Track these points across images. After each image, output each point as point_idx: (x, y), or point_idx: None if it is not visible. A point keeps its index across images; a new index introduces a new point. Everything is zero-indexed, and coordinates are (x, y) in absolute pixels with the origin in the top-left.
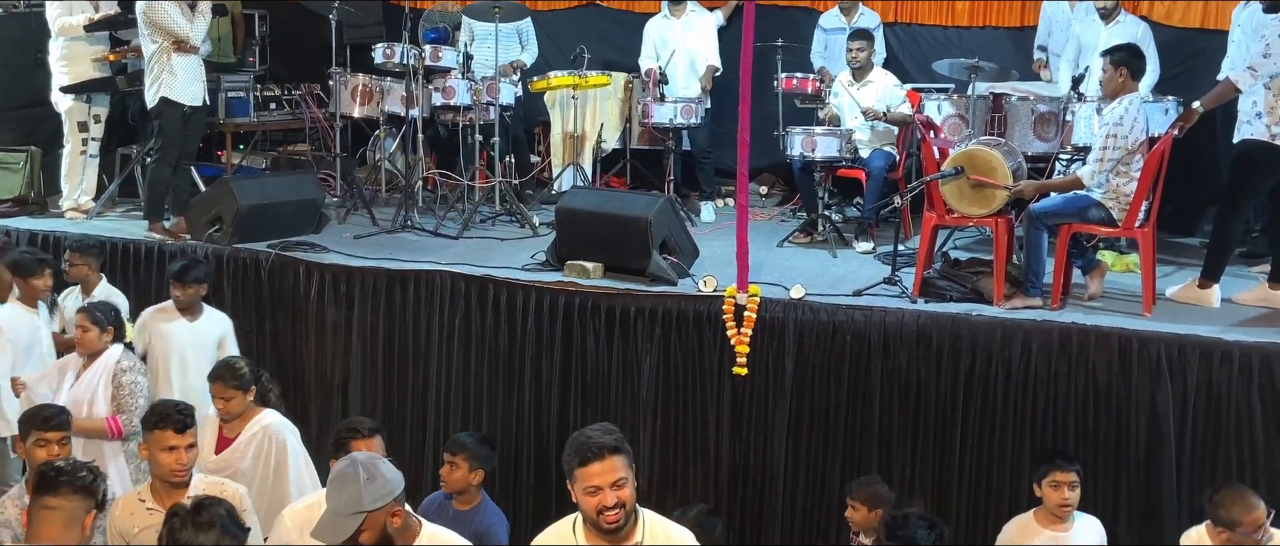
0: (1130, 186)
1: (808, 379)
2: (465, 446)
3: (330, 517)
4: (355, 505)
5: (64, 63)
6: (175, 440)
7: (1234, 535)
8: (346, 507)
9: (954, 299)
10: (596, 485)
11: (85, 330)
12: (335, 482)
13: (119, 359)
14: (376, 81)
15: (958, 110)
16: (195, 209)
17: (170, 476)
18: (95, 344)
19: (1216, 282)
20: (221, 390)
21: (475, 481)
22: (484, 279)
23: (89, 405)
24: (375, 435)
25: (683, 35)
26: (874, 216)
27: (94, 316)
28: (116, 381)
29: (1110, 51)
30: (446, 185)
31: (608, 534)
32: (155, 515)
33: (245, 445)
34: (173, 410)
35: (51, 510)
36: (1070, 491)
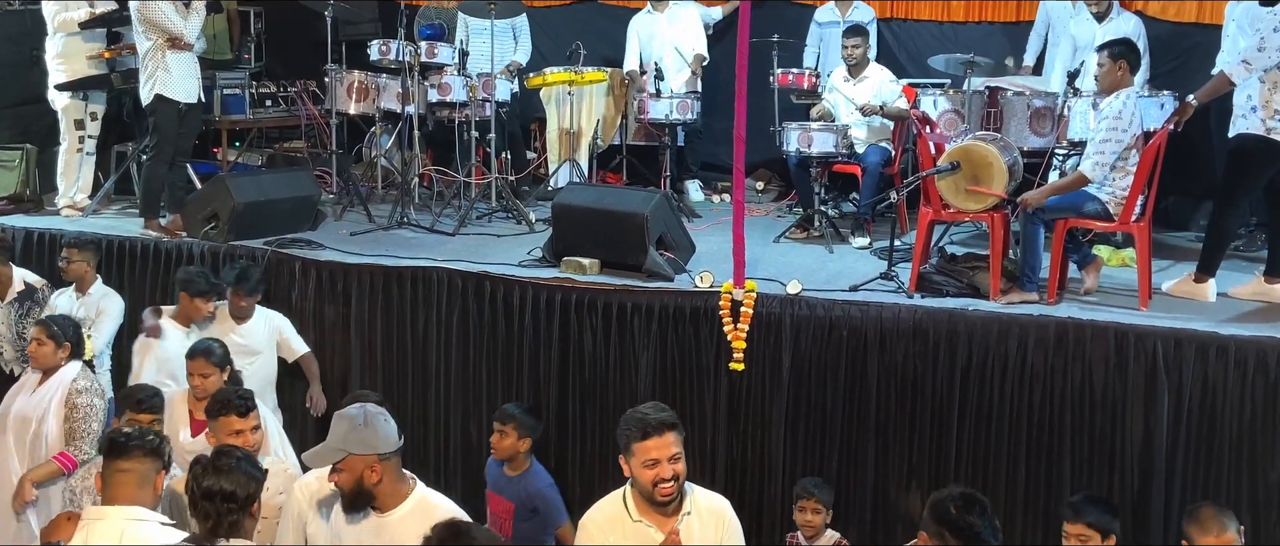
0: (1126, 181)
1: (804, 374)
2: (513, 416)
3: (321, 447)
4: (340, 442)
5: (60, 60)
6: (240, 424)
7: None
8: (334, 441)
9: (950, 294)
10: (655, 458)
11: (40, 343)
12: (337, 417)
13: (75, 378)
14: (372, 78)
15: (953, 105)
16: (191, 206)
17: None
18: (50, 359)
19: (1212, 277)
20: (202, 367)
21: (523, 448)
22: (481, 275)
23: (38, 422)
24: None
25: (669, 29)
26: (870, 212)
27: (51, 330)
28: (70, 403)
29: (1108, 45)
30: (443, 182)
31: (662, 505)
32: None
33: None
34: (233, 396)
35: (125, 473)
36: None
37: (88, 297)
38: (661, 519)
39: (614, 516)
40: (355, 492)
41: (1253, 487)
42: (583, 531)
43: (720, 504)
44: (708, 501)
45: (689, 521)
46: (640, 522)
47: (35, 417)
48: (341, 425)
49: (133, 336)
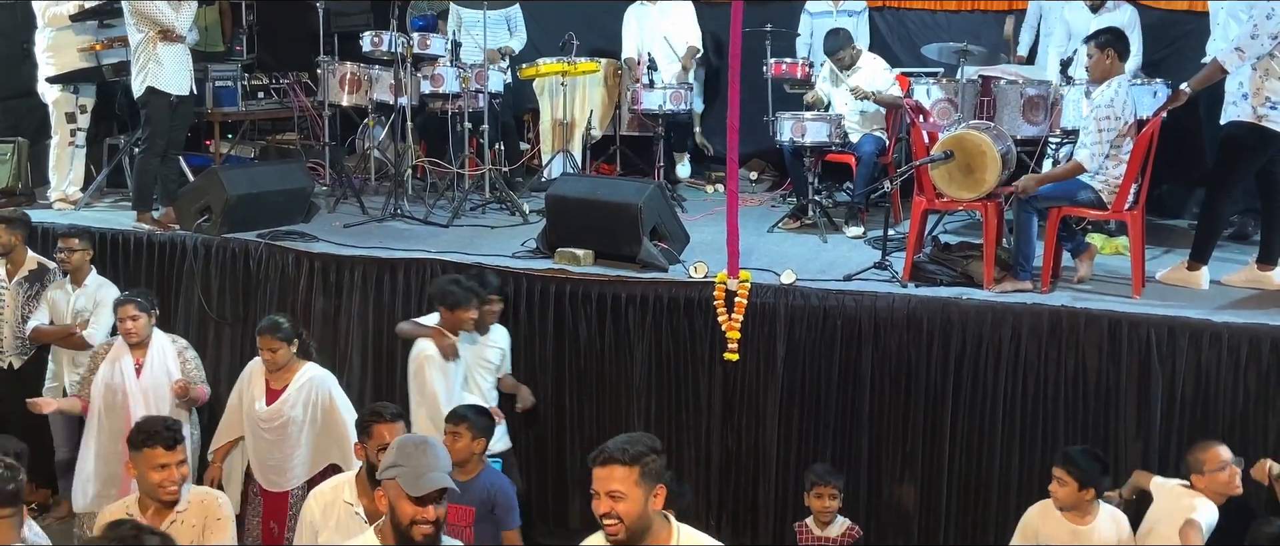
0: (1119, 169)
1: (799, 364)
2: (466, 417)
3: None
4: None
5: (50, 53)
6: (165, 457)
7: (1203, 477)
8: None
9: (944, 283)
10: (595, 489)
11: (135, 319)
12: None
13: (173, 340)
14: (365, 69)
15: (947, 94)
16: (184, 199)
17: (159, 493)
18: (145, 330)
19: (1205, 264)
20: (269, 342)
21: (478, 450)
22: (474, 267)
23: (162, 388)
24: (398, 420)
25: (660, 20)
26: (864, 201)
27: (139, 303)
28: (181, 358)
29: (1095, 35)
30: (436, 173)
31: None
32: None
33: (295, 395)
34: (161, 427)
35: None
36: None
37: (84, 289)
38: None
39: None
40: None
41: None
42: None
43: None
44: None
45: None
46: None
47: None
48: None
49: None
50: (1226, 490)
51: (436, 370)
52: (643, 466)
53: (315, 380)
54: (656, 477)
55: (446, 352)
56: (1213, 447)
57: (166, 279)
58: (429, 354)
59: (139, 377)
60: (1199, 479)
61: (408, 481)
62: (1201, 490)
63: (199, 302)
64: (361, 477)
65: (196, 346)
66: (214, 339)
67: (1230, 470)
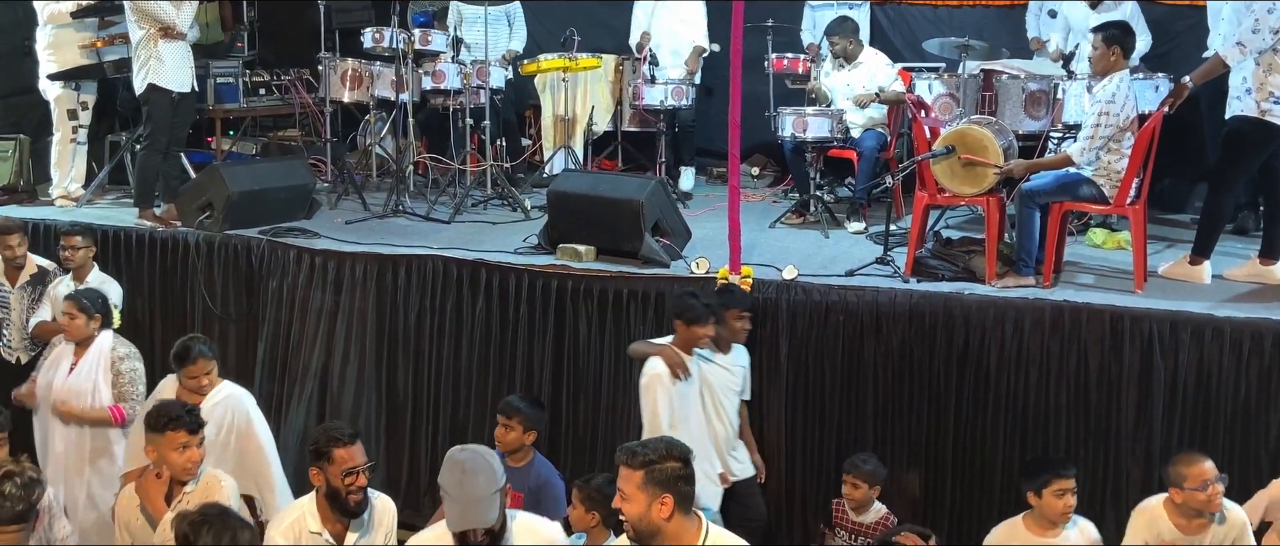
0: (1121, 163)
1: (801, 359)
2: (519, 409)
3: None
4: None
5: (51, 50)
6: (187, 439)
7: (1182, 492)
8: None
9: (946, 278)
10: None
11: (72, 317)
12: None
13: (113, 346)
14: (366, 66)
15: (949, 89)
16: (186, 196)
17: (182, 474)
18: (82, 331)
19: (1207, 259)
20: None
21: (528, 441)
22: (476, 263)
23: (92, 394)
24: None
25: (668, 18)
26: (866, 196)
27: (81, 304)
28: (115, 369)
29: (1102, 28)
30: (437, 169)
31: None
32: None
33: (208, 415)
34: (182, 411)
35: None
36: (1072, 497)
37: (86, 285)
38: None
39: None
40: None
41: (1246, 468)
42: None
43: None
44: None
45: None
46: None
47: (87, 390)
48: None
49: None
50: (1204, 508)
51: (662, 391)
52: (649, 472)
53: (232, 399)
54: (665, 485)
55: (675, 371)
56: (1199, 462)
57: (169, 276)
58: (657, 372)
59: (68, 377)
60: (1176, 493)
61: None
62: (1176, 505)
63: (202, 300)
64: (322, 502)
65: None
66: (219, 335)
67: (1212, 489)
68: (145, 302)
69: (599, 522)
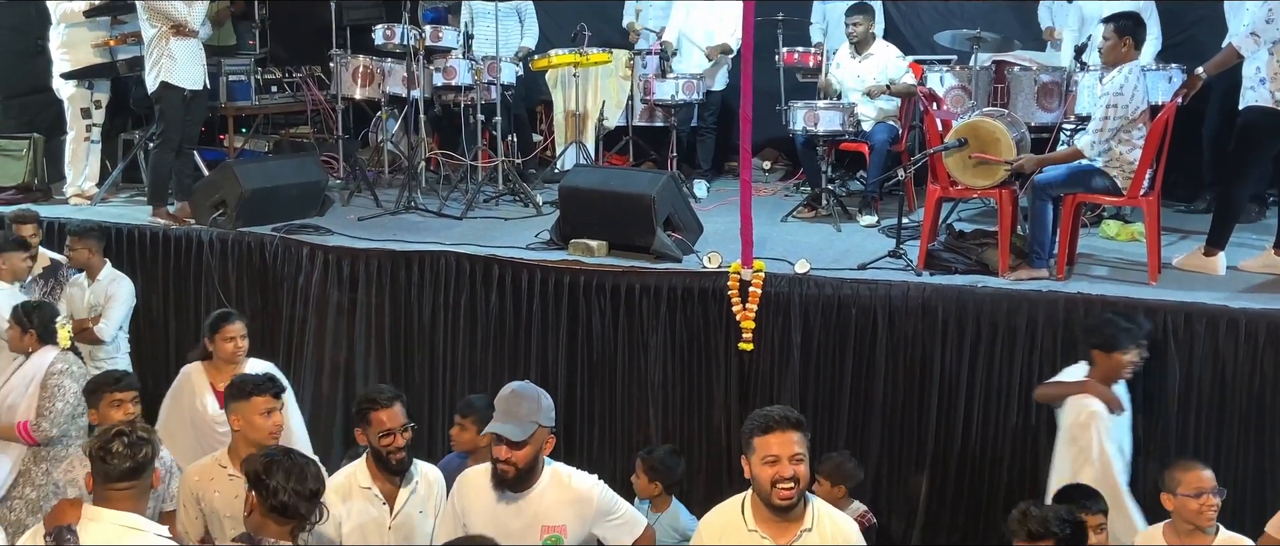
0: (1134, 155)
1: (813, 353)
2: (476, 409)
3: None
4: (533, 415)
5: (64, 49)
6: (271, 403)
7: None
8: (527, 413)
9: (959, 271)
10: (775, 455)
11: (10, 327)
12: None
13: (53, 361)
14: (377, 63)
15: (960, 82)
16: (199, 193)
17: (267, 440)
18: (16, 344)
19: (1222, 250)
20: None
21: (484, 442)
22: (488, 259)
23: (13, 410)
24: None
25: (704, 16)
26: (878, 190)
27: (16, 316)
28: (45, 384)
29: (1114, 18)
30: (449, 166)
31: (780, 512)
32: (237, 482)
33: None
34: (264, 378)
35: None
36: (1215, 497)
37: (97, 283)
38: (779, 529)
39: (729, 523)
40: (528, 469)
41: (1261, 460)
42: (698, 533)
43: (847, 526)
44: (834, 521)
45: (808, 538)
46: (755, 531)
47: (11, 402)
48: (525, 399)
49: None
50: (1195, 521)
51: (1102, 429)
52: (805, 433)
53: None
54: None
55: (1112, 406)
56: (1196, 470)
57: (183, 273)
58: (1096, 410)
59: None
60: (1168, 499)
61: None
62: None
63: (216, 297)
64: (371, 462)
65: None
66: None
67: (1205, 500)
68: (159, 300)
69: (662, 491)
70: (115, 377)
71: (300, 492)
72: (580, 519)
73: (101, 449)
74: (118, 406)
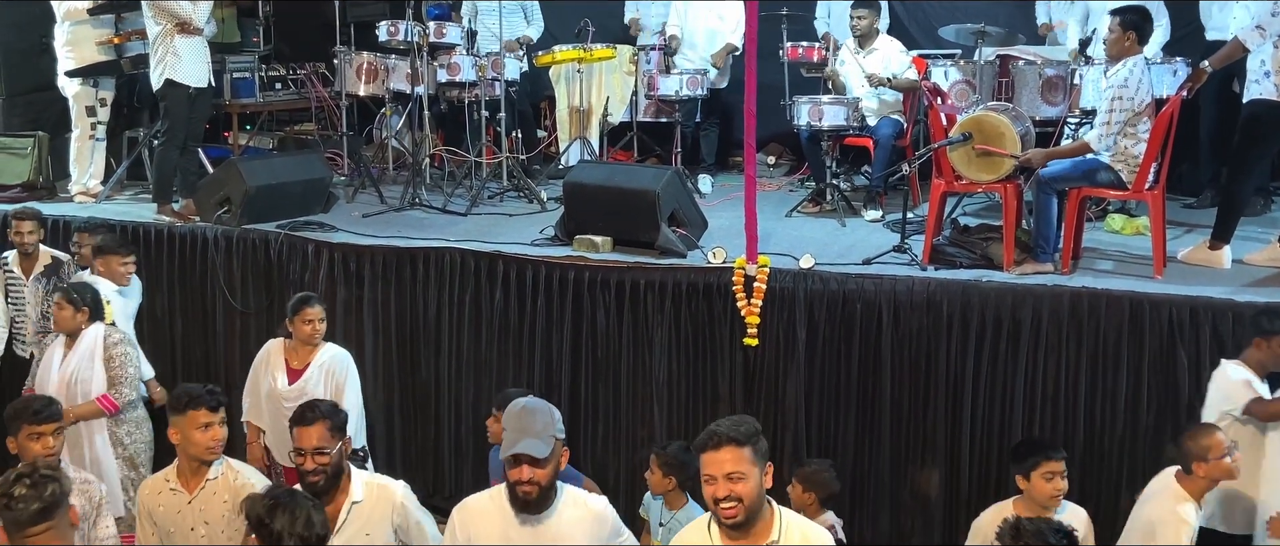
0: (1139, 148)
1: (818, 348)
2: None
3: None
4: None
5: (69, 47)
6: (209, 417)
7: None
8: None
9: (964, 265)
10: (711, 474)
11: (61, 308)
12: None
13: (106, 334)
14: (381, 59)
15: (965, 76)
16: (203, 190)
17: (206, 454)
18: (70, 323)
19: (1227, 244)
20: (318, 312)
21: None
22: (493, 255)
23: (85, 383)
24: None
25: (706, 15)
26: (882, 184)
27: (70, 297)
28: (108, 354)
29: (1120, 11)
30: (453, 162)
31: (735, 530)
32: (179, 496)
33: (316, 373)
34: (202, 391)
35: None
36: (1062, 480)
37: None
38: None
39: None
40: (550, 487)
41: None
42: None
43: (819, 538)
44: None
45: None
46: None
47: (79, 378)
48: (538, 414)
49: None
50: (1228, 477)
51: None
52: (754, 447)
53: (336, 358)
54: (765, 456)
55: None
56: (1214, 433)
57: (188, 270)
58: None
59: (60, 367)
60: (1202, 466)
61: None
62: (1200, 478)
63: (221, 294)
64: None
65: (221, 337)
66: (240, 329)
67: (1235, 456)
68: (164, 297)
69: (676, 486)
70: (35, 408)
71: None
72: (597, 539)
73: (4, 497)
74: (36, 439)
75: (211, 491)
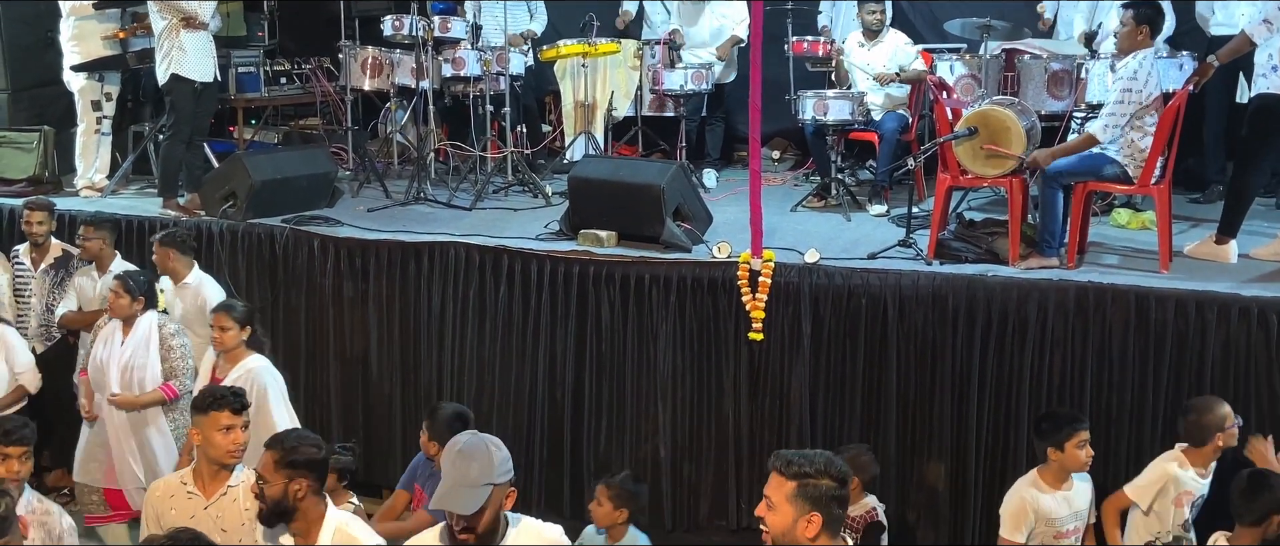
0: (1145, 142)
1: (824, 343)
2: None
3: (456, 488)
4: (490, 475)
5: (75, 42)
6: (232, 420)
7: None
8: (479, 476)
9: (969, 260)
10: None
11: (118, 296)
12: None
13: (162, 324)
14: (386, 54)
15: (970, 70)
16: (209, 185)
17: (226, 457)
18: (126, 310)
19: (1233, 238)
20: (222, 320)
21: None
22: (498, 249)
23: (142, 371)
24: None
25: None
26: (888, 179)
27: (127, 284)
28: (165, 345)
29: (1133, 5)
30: (458, 156)
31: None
32: (195, 500)
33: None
34: (227, 393)
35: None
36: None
37: (108, 275)
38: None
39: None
40: (490, 533)
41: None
42: None
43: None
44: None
45: None
46: None
47: (135, 364)
48: (474, 460)
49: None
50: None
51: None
52: (801, 484)
53: (255, 372)
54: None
55: None
56: (1222, 405)
57: None
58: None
59: (118, 353)
60: (1222, 436)
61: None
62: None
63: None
64: None
65: None
66: None
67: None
68: None
69: (626, 519)
70: (6, 429)
71: None
72: None
73: None
74: (2, 461)
75: (232, 498)
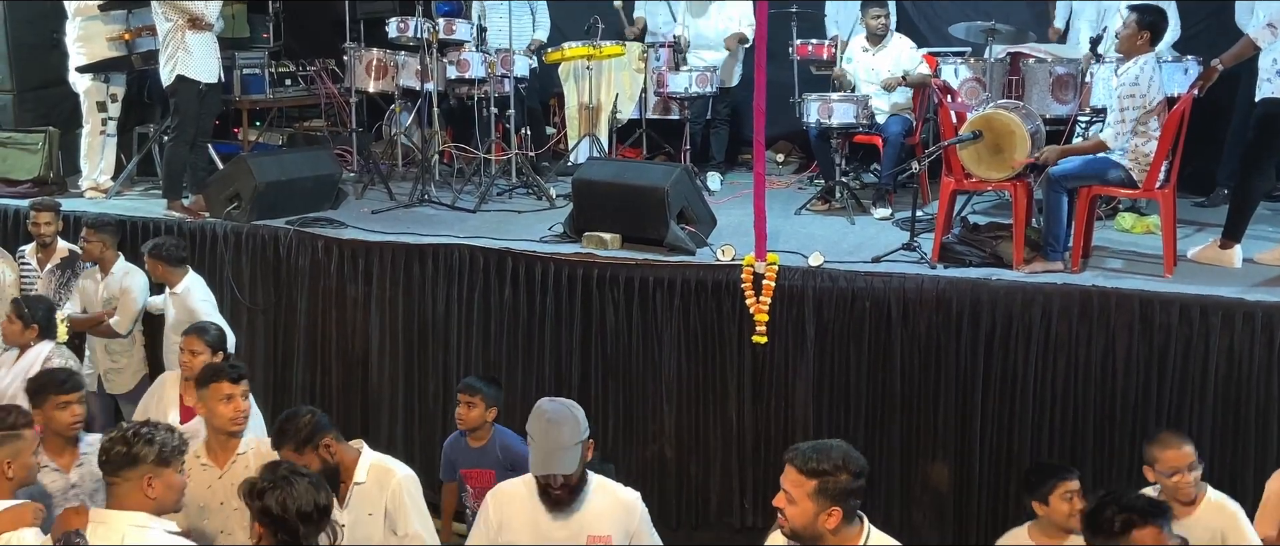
0: (1150, 146)
1: (828, 346)
2: (480, 388)
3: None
4: (582, 433)
5: (80, 43)
6: (231, 389)
7: (1151, 472)
8: (571, 437)
9: (973, 264)
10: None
11: (10, 322)
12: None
13: (47, 356)
14: (391, 56)
15: (975, 74)
16: (213, 186)
17: (230, 425)
18: (18, 337)
19: (1238, 243)
20: (192, 343)
21: (490, 418)
22: (502, 252)
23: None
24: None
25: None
26: (892, 182)
27: (20, 310)
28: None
29: (1138, 8)
30: (463, 159)
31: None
32: (209, 471)
33: None
34: (223, 365)
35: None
36: (1079, 499)
37: (111, 277)
38: None
39: None
40: (580, 483)
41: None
42: None
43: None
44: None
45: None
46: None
47: (7, 394)
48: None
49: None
50: (1174, 496)
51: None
52: (821, 481)
53: None
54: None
55: None
56: (1183, 445)
57: (197, 266)
58: None
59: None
60: (1149, 471)
61: (534, 460)
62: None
63: (230, 290)
64: None
65: None
66: (247, 325)
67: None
68: None
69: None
70: (60, 379)
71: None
72: (624, 529)
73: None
74: (64, 408)
75: (243, 464)
